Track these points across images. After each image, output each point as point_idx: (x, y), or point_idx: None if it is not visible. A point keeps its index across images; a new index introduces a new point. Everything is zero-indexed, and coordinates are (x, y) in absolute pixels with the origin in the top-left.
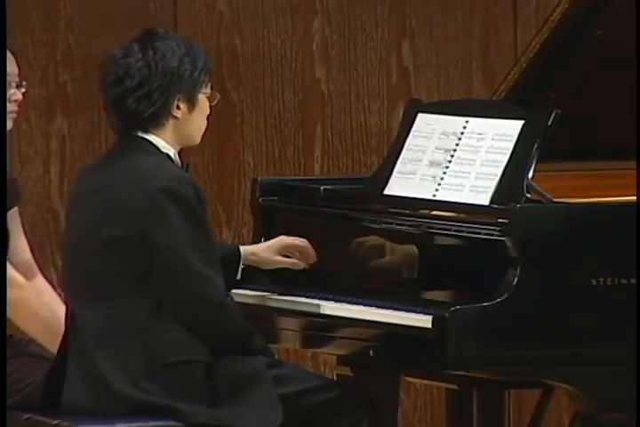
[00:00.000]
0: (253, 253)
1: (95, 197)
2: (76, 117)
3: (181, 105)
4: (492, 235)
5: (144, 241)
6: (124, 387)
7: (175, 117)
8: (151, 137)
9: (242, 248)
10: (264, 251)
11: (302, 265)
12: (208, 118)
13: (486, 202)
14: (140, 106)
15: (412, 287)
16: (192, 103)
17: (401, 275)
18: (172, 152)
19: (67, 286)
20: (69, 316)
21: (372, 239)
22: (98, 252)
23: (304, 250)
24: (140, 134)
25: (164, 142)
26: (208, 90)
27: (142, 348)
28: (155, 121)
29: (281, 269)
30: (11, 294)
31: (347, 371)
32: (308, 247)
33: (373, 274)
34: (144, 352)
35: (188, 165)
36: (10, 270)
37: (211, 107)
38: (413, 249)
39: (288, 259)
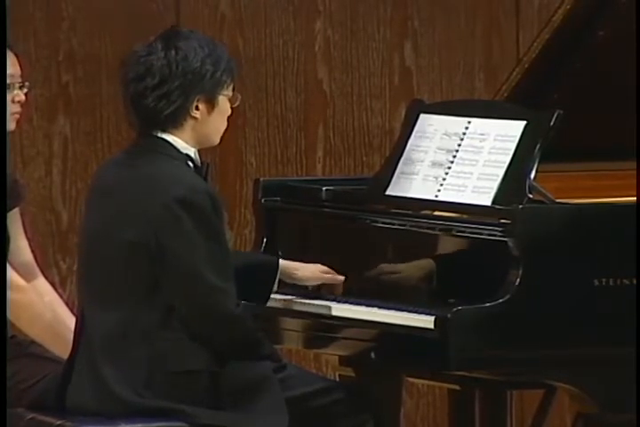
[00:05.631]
0: (296, 268)
1: (111, 197)
2: (78, 118)
3: (201, 106)
4: (495, 235)
5: (158, 248)
6: (126, 393)
7: (194, 118)
8: (170, 137)
9: (281, 261)
10: (305, 267)
11: (341, 280)
12: (228, 119)
13: (488, 202)
14: (158, 105)
15: (414, 288)
16: (212, 104)
17: (403, 275)
18: (191, 152)
19: (80, 287)
20: (80, 317)
21: (374, 240)
22: (112, 254)
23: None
24: (159, 134)
25: (183, 143)
26: (229, 91)
27: (147, 355)
28: (173, 121)
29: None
30: (11, 296)
31: (349, 371)
32: (340, 278)
33: (376, 274)
34: (149, 360)
35: (208, 164)
36: (10, 273)
37: (232, 108)
38: (415, 250)
39: (329, 275)
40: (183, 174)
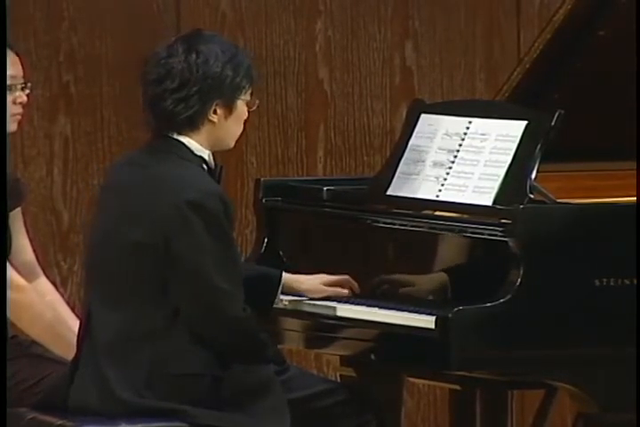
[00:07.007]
0: (300, 282)
1: (121, 197)
2: (79, 118)
3: (219, 110)
4: (496, 235)
5: (166, 250)
6: (127, 394)
7: (211, 122)
8: (185, 139)
9: (284, 274)
10: (309, 280)
11: (346, 293)
12: (244, 123)
13: (489, 202)
14: (176, 108)
15: (414, 287)
16: (230, 109)
17: (404, 275)
18: (205, 154)
19: (86, 287)
20: (86, 316)
21: (375, 240)
22: (120, 254)
23: (345, 285)
24: (175, 136)
25: (197, 145)
26: (248, 96)
27: (150, 357)
28: (190, 124)
29: None
30: (12, 296)
31: (350, 372)
32: (349, 283)
33: (376, 274)
34: (151, 361)
35: (221, 167)
36: (11, 272)
37: (249, 111)
38: (416, 250)
39: (332, 288)
40: (196, 176)
